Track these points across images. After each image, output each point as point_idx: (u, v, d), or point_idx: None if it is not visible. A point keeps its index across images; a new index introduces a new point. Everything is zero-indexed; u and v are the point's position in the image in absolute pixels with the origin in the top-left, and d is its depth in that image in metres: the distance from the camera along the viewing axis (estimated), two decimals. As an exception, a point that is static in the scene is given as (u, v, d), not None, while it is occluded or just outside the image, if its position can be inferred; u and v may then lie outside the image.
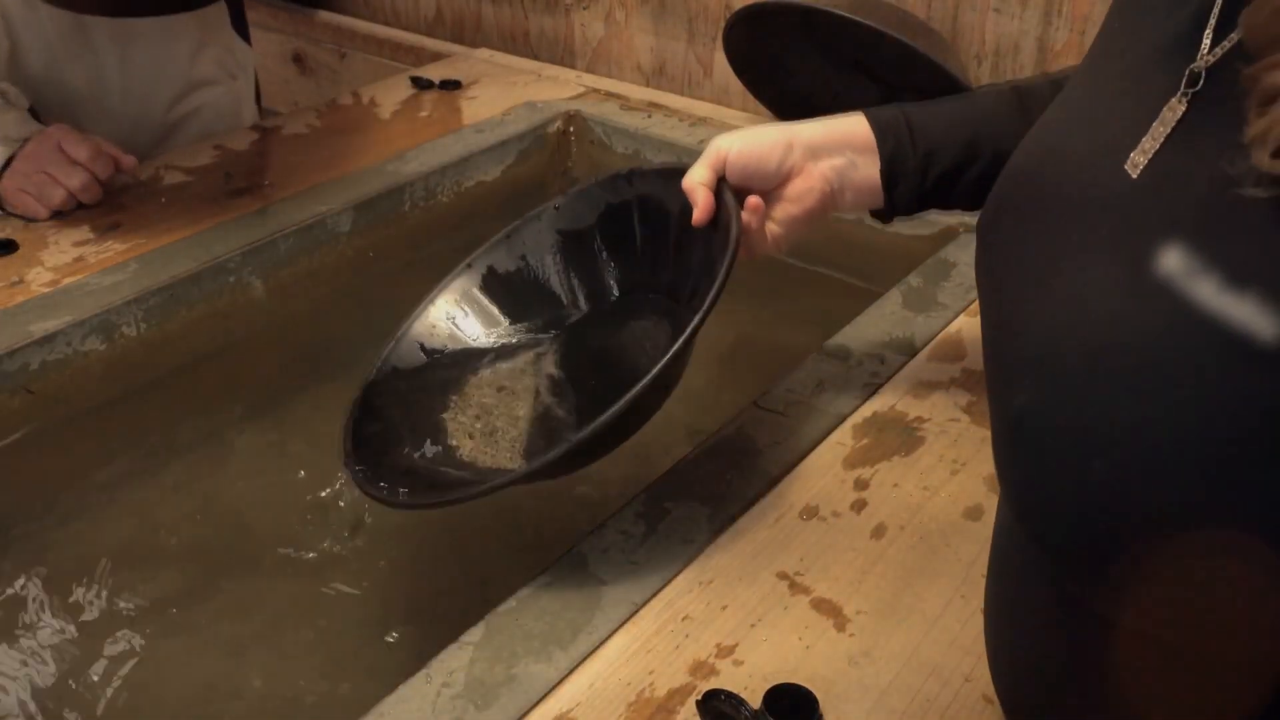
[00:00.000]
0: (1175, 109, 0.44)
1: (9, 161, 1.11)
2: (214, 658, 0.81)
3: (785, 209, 0.77)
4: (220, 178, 1.22)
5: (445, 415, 0.78)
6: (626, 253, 0.84)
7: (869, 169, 0.76)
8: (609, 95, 1.44)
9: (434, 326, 0.83)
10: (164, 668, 0.81)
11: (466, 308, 0.84)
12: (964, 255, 1.04)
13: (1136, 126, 0.46)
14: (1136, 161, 0.45)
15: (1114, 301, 0.42)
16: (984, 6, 1.24)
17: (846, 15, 1.13)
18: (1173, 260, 0.40)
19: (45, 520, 0.94)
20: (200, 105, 1.34)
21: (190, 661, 0.81)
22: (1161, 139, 0.44)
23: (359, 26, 1.80)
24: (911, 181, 0.75)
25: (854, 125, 0.76)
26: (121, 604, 0.85)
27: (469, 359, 0.82)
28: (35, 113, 1.19)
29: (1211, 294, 0.38)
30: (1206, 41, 0.44)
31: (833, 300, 1.15)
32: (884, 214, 0.79)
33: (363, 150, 1.28)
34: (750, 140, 0.76)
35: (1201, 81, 0.44)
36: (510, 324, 0.84)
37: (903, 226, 1.13)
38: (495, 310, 0.85)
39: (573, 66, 1.60)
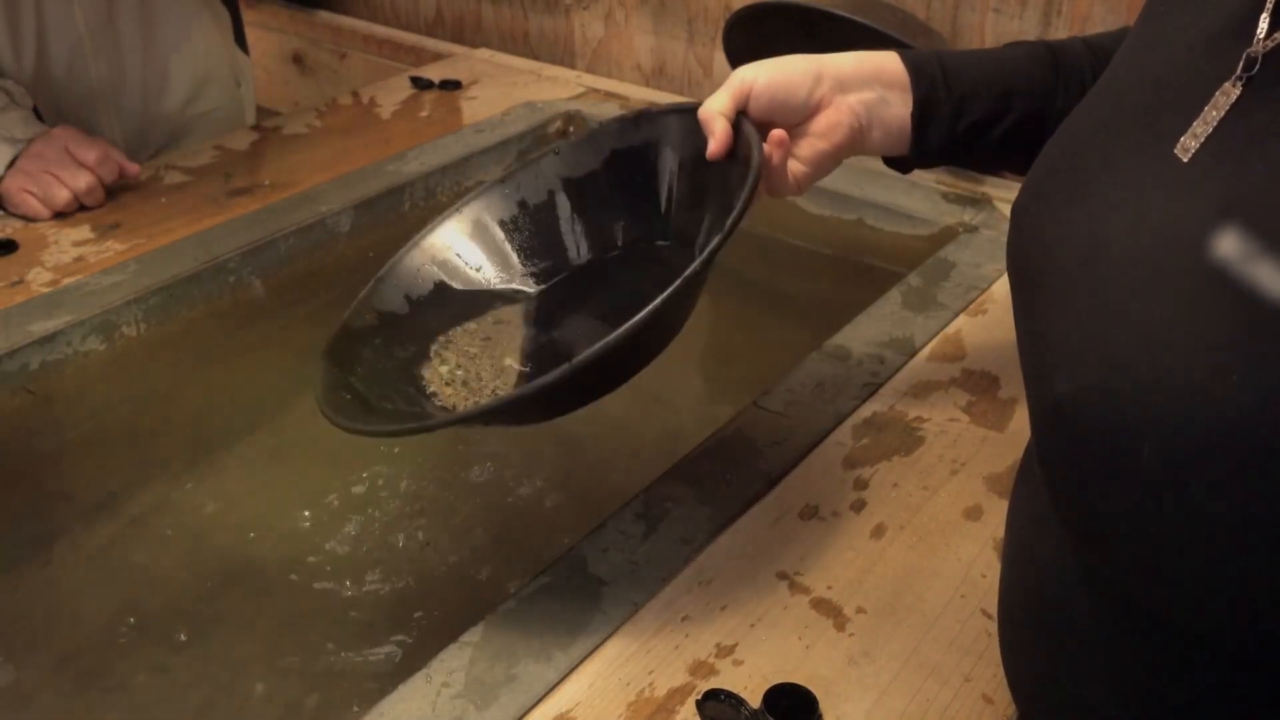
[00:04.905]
0: (1229, 93, 0.44)
1: (13, 161, 1.11)
2: (215, 662, 0.81)
3: (812, 144, 0.72)
4: (220, 178, 1.22)
5: (424, 363, 0.74)
6: (634, 199, 0.79)
7: (900, 107, 0.72)
8: (609, 95, 1.44)
9: (418, 270, 0.78)
10: (163, 678, 0.80)
11: (456, 253, 0.79)
12: (964, 255, 1.04)
13: (1186, 111, 0.46)
14: (1188, 146, 0.45)
15: (1169, 287, 0.42)
16: (984, 6, 1.24)
17: (846, 15, 1.13)
18: (1230, 244, 0.40)
19: (43, 522, 0.94)
20: (210, 109, 1.36)
21: (190, 669, 0.81)
22: (1214, 123, 0.44)
23: (359, 26, 1.80)
24: (943, 126, 0.72)
25: (886, 60, 0.73)
26: (120, 610, 0.85)
27: (454, 305, 0.78)
28: (38, 114, 1.20)
29: (1272, 276, 0.38)
30: (1263, 26, 0.44)
31: (833, 300, 1.15)
32: (907, 160, 0.75)
33: (363, 150, 1.28)
34: (777, 70, 0.71)
35: (1258, 66, 0.44)
36: (502, 272, 0.80)
37: (903, 226, 1.14)
38: (486, 258, 0.79)
39: (573, 66, 1.60)
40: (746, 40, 1.26)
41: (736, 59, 1.28)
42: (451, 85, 1.46)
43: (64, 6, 1.18)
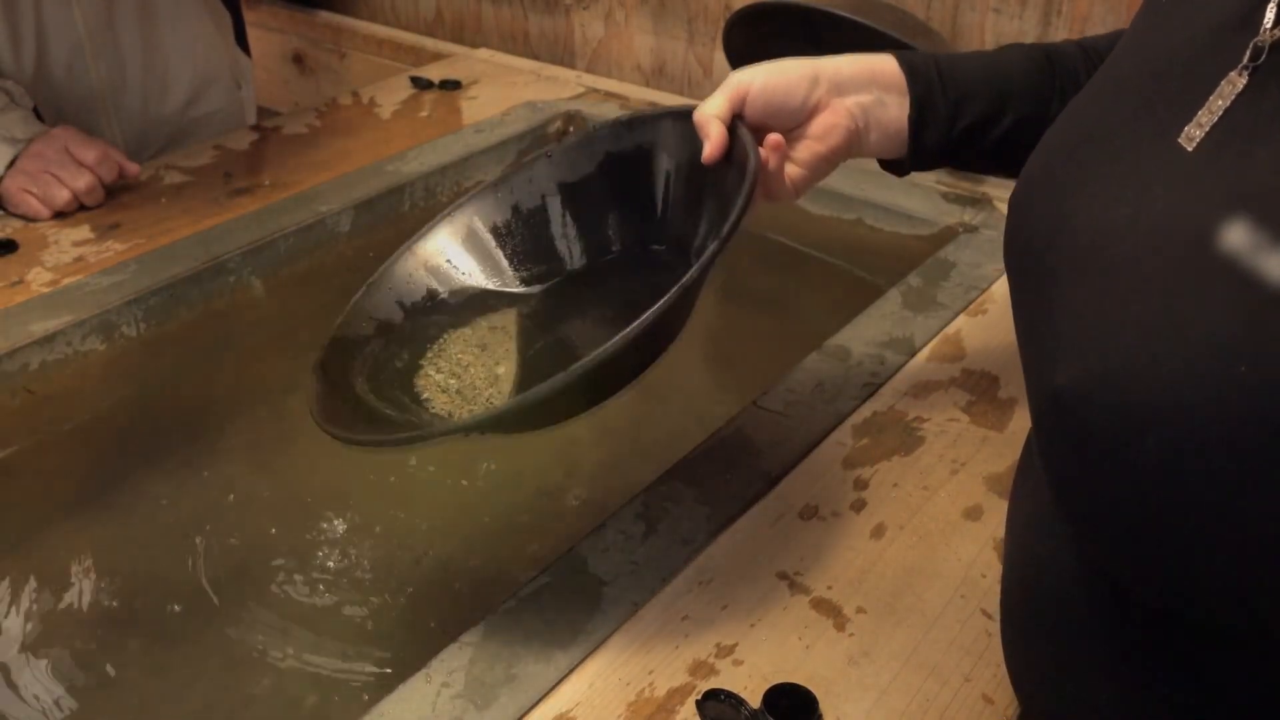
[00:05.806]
0: (1235, 83, 0.44)
1: (13, 161, 1.11)
2: (214, 664, 0.81)
3: (808, 147, 0.72)
4: (220, 178, 1.22)
5: (418, 371, 0.74)
6: (628, 203, 0.78)
7: (897, 109, 0.72)
8: (609, 95, 1.44)
9: (410, 276, 0.77)
10: (164, 678, 0.80)
11: (449, 258, 0.78)
12: (964, 255, 1.04)
13: (1190, 101, 0.46)
14: (1192, 135, 0.45)
15: (1173, 278, 0.42)
16: (984, 6, 1.24)
17: (846, 15, 1.13)
18: (1237, 235, 0.40)
19: (43, 522, 0.94)
20: (211, 111, 1.37)
21: (190, 669, 0.81)
22: (1219, 113, 0.44)
23: (359, 26, 1.80)
24: (940, 128, 0.72)
25: (883, 62, 0.73)
26: (120, 611, 0.85)
27: (448, 311, 0.77)
28: (38, 114, 1.20)
29: None
30: (1270, 16, 0.44)
31: (832, 300, 1.15)
32: (904, 163, 0.75)
33: (363, 150, 1.28)
34: (774, 73, 0.71)
35: (1264, 56, 0.44)
36: (495, 277, 0.79)
37: (902, 226, 1.14)
38: (480, 263, 0.79)
39: (572, 66, 1.60)
40: (746, 40, 1.26)
41: (736, 59, 1.28)
42: (451, 85, 1.46)
43: (63, 8, 1.19)
